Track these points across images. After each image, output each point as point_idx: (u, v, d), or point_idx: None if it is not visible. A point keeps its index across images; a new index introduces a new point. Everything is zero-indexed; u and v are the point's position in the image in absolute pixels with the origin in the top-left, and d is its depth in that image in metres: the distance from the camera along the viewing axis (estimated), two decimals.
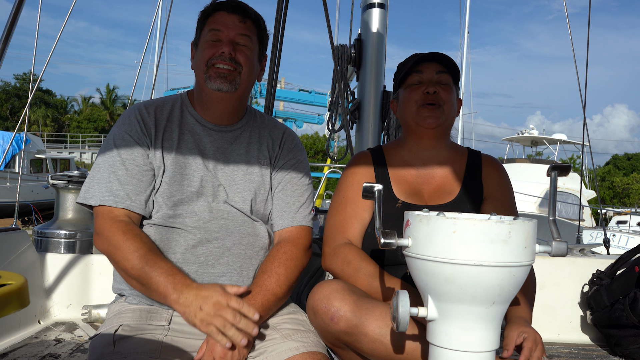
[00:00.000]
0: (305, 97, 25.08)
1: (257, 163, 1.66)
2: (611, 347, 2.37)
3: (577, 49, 4.27)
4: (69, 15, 3.40)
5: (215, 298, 1.35)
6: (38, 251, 2.40)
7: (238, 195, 1.61)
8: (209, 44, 1.55)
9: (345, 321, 1.38)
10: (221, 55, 1.53)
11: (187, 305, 1.35)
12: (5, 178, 14.19)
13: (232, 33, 1.55)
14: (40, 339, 2.10)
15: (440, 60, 1.70)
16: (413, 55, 1.77)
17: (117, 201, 1.49)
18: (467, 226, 1.04)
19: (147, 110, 1.60)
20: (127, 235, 1.45)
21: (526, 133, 22.11)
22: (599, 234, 11.25)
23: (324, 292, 1.44)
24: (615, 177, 41.54)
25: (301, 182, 1.71)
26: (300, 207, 1.68)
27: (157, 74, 5.89)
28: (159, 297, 1.42)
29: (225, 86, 1.54)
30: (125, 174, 1.52)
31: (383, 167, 1.78)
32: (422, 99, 1.68)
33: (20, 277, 0.87)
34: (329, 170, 8.85)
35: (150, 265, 1.41)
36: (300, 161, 1.74)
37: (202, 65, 1.55)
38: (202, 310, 1.34)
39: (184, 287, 1.38)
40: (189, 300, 1.36)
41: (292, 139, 1.76)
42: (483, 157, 1.84)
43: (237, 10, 1.58)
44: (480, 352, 1.09)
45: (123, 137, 1.55)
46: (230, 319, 1.33)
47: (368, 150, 1.87)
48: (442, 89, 1.69)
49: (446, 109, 1.69)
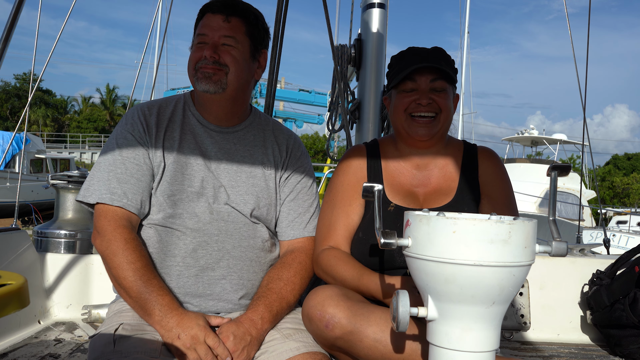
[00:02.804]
0: (305, 97, 25.09)
1: (261, 166, 1.66)
2: (611, 347, 2.37)
3: (577, 49, 4.27)
4: (69, 15, 3.40)
5: (194, 331, 1.38)
6: (38, 251, 2.40)
7: (240, 197, 1.60)
8: (196, 47, 1.57)
9: (340, 328, 1.37)
10: (204, 59, 1.54)
11: (168, 329, 1.40)
12: (5, 178, 14.19)
13: (216, 35, 1.54)
14: (40, 339, 2.10)
15: (435, 68, 1.61)
16: (408, 53, 1.67)
17: (114, 199, 1.50)
18: (467, 226, 1.04)
19: (149, 111, 1.60)
20: (128, 244, 1.45)
21: (526, 133, 22.10)
22: (599, 234, 11.24)
23: (318, 299, 1.43)
24: (615, 177, 41.51)
25: (310, 191, 1.73)
26: (311, 218, 1.71)
27: (157, 74, 5.89)
28: (143, 313, 1.44)
29: (212, 87, 1.54)
30: (125, 172, 1.52)
31: (377, 166, 1.72)
32: (413, 108, 1.62)
33: (20, 277, 0.87)
34: (329, 170, 8.85)
35: (143, 281, 1.43)
36: (307, 170, 1.76)
37: (191, 68, 1.57)
38: (179, 339, 1.38)
39: (169, 310, 1.41)
40: (169, 325, 1.40)
41: (299, 146, 1.77)
42: (479, 151, 1.77)
43: (221, 9, 1.56)
44: (480, 352, 1.09)
45: (125, 137, 1.56)
46: (202, 356, 1.36)
47: (364, 144, 1.79)
48: (437, 95, 1.61)
49: (442, 117, 1.63)
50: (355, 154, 1.76)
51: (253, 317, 1.47)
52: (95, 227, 1.52)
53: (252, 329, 1.44)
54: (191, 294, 1.54)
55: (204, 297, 1.55)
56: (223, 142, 1.63)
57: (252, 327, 1.45)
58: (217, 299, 1.56)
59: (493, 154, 1.78)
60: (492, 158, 1.76)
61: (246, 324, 1.44)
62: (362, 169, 1.72)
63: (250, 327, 1.45)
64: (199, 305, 1.55)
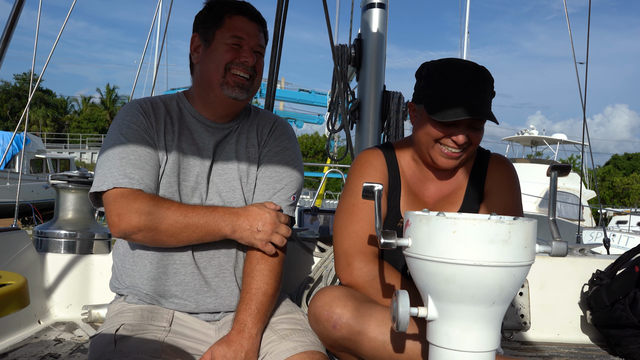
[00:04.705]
0: (305, 97, 25.08)
1: (246, 153, 1.64)
2: (611, 347, 2.37)
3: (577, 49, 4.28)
4: (69, 15, 3.40)
5: (269, 218, 1.49)
6: (38, 251, 2.40)
7: (231, 193, 1.59)
8: (230, 47, 1.53)
9: (348, 328, 1.38)
10: (243, 63, 1.53)
11: (244, 229, 1.48)
12: (5, 178, 14.18)
13: (253, 42, 1.55)
14: (40, 339, 2.10)
15: (480, 114, 1.46)
16: (455, 79, 1.48)
17: (133, 183, 1.43)
18: (467, 226, 1.04)
19: (146, 105, 1.58)
20: (159, 200, 1.46)
21: (526, 133, 22.11)
22: (599, 234, 11.25)
23: (325, 299, 1.44)
24: (615, 177, 41.53)
25: (282, 169, 1.64)
26: (275, 194, 1.60)
27: (157, 74, 5.90)
28: (212, 237, 1.48)
29: (242, 95, 1.55)
30: (138, 159, 1.47)
31: (396, 173, 1.66)
32: (446, 142, 1.52)
33: (20, 277, 0.87)
34: (329, 170, 8.85)
35: (190, 212, 1.45)
36: (285, 148, 1.67)
37: (220, 67, 1.52)
38: (260, 231, 1.48)
39: (231, 215, 1.48)
40: (243, 225, 1.48)
41: (282, 127, 1.71)
42: (491, 158, 1.71)
43: (256, 18, 1.58)
44: (480, 352, 1.09)
45: (129, 126, 1.51)
46: (285, 234, 1.52)
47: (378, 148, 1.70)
48: (474, 132, 1.53)
49: (471, 149, 1.56)
50: (373, 157, 1.67)
51: (239, 327, 1.43)
52: (114, 212, 1.41)
53: (243, 342, 1.41)
54: (188, 291, 1.54)
55: (201, 294, 1.55)
56: (218, 136, 1.61)
57: (242, 339, 1.41)
58: (214, 296, 1.56)
59: (505, 162, 1.72)
60: (501, 166, 1.70)
61: (236, 341, 1.40)
62: (384, 173, 1.65)
63: (241, 340, 1.41)
64: (197, 302, 1.55)
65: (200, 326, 1.55)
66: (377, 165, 1.65)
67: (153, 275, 1.53)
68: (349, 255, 1.54)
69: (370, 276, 1.50)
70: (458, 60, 1.55)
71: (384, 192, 1.62)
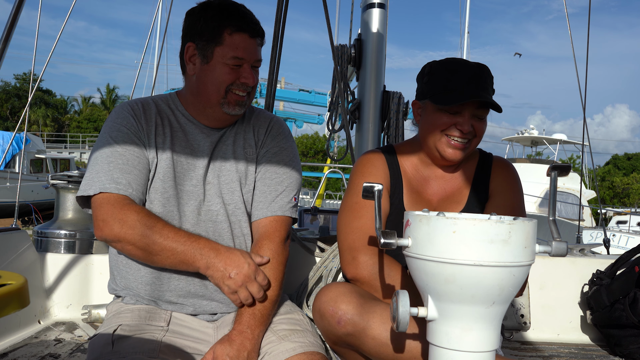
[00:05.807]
0: (305, 97, 25.08)
1: (244, 154, 1.62)
2: (611, 347, 2.37)
3: (577, 48, 4.27)
4: (69, 15, 3.40)
5: (246, 270, 1.43)
6: (38, 251, 2.40)
7: (229, 196, 1.58)
8: (231, 68, 1.49)
9: (352, 324, 1.38)
10: (243, 84, 1.51)
11: (216, 270, 1.43)
12: (5, 178, 14.19)
13: (252, 59, 1.52)
14: (40, 339, 2.10)
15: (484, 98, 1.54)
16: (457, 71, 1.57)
17: (119, 188, 1.43)
18: (467, 226, 1.04)
19: (137, 107, 1.56)
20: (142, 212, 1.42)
21: (526, 133, 22.13)
22: (599, 234, 11.24)
23: (330, 295, 1.44)
24: (615, 177, 41.53)
25: (281, 170, 1.63)
26: (278, 197, 1.60)
27: (157, 74, 5.90)
28: (186, 267, 1.44)
29: (241, 110, 1.55)
30: (126, 163, 1.47)
31: (397, 175, 1.69)
32: (452, 131, 1.58)
33: (20, 277, 0.87)
34: (329, 170, 8.85)
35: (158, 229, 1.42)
36: (283, 149, 1.66)
37: (221, 89, 1.50)
38: (231, 278, 1.42)
39: (210, 251, 1.43)
40: (218, 266, 1.43)
41: (278, 127, 1.70)
42: (494, 161, 1.75)
43: (254, 33, 1.52)
44: (480, 352, 1.09)
45: (119, 129, 1.50)
46: (254, 293, 1.44)
47: (379, 150, 1.74)
48: (478, 122, 1.59)
49: (475, 141, 1.61)
50: (374, 157, 1.71)
51: (241, 328, 1.43)
52: (99, 218, 1.41)
53: (245, 342, 1.40)
54: (184, 295, 1.53)
55: (197, 297, 1.54)
56: (213, 138, 1.60)
57: (244, 339, 1.41)
58: (210, 299, 1.55)
59: (508, 164, 1.76)
60: (505, 168, 1.74)
61: (238, 340, 1.40)
62: (385, 172, 1.68)
63: (244, 340, 1.41)
64: (194, 306, 1.54)
65: (199, 325, 1.55)
66: (378, 165, 1.68)
67: (147, 280, 1.52)
68: (353, 249, 1.54)
69: (375, 269, 1.51)
70: (460, 58, 1.63)
71: (386, 191, 1.64)
